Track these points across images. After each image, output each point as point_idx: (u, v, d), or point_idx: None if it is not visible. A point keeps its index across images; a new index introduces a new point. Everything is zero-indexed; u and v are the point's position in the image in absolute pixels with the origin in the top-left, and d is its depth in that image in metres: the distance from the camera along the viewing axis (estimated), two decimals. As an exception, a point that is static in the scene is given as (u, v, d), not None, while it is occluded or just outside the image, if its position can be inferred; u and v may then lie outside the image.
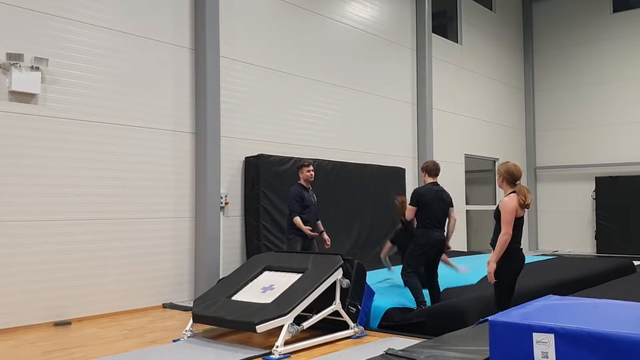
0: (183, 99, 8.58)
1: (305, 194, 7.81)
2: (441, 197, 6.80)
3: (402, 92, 12.93)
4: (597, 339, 2.91)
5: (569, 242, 16.88)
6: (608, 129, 16.37)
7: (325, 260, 6.19)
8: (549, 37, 17.55)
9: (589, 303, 3.70)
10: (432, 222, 6.70)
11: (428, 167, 6.97)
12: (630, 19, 16.19)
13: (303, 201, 7.72)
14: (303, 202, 7.72)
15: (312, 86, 10.63)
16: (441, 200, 6.79)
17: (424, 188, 6.85)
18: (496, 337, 3.23)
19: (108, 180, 7.62)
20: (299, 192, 7.76)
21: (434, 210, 6.72)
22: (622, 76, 16.23)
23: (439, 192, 6.82)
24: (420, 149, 13.25)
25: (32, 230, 6.87)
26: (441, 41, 14.25)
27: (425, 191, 6.78)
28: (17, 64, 6.72)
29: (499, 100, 16.53)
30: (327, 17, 11.08)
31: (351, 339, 5.96)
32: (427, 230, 6.70)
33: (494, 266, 5.23)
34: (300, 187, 7.84)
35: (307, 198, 7.79)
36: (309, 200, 7.80)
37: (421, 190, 6.81)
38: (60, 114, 7.20)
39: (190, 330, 6.05)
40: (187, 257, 8.50)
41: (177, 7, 8.59)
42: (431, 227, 6.69)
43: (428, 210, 6.70)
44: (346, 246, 10.62)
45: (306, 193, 7.82)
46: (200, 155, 8.58)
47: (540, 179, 17.49)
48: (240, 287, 6.27)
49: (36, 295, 6.86)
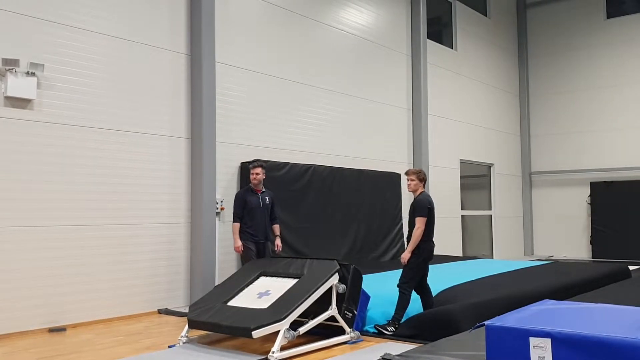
0: (179, 104, 8.58)
1: (251, 197, 7.69)
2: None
3: (397, 98, 12.96)
4: (593, 343, 2.92)
5: (564, 247, 16.92)
6: (603, 134, 16.44)
7: (321, 265, 6.19)
8: (543, 43, 17.63)
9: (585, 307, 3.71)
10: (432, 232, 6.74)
11: (424, 177, 6.89)
12: (624, 24, 16.30)
13: (246, 205, 7.62)
14: (246, 205, 7.62)
15: (307, 92, 10.64)
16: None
17: (429, 197, 6.76)
18: (493, 342, 3.23)
19: (103, 186, 7.60)
20: (242, 196, 7.67)
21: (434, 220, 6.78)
22: (616, 81, 16.31)
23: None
24: (415, 154, 13.27)
25: (26, 235, 6.84)
26: (436, 47, 14.30)
27: (431, 200, 6.72)
28: (13, 69, 6.71)
29: (494, 105, 16.58)
30: (322, 23, 11.11)
31: (347, 344, 5.95)
32: (429, 242, 6.67)
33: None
34: (247, 190, 7.75)
35: (253, 201, 7.66)
36: (255, 204, 7.67)
37: (430, 199, 6.70)
38: (56, 119, 7.18)
39: (186, 336, 6.03)
40: (182, 262, 8.48)
41: (173, 13, 8.60)
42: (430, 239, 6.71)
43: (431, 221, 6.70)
44: (342, 251, 10.62)
45: (252, 196, 7.70)
46: (196, 161, 8.58)
47: (535, 184, 17.54)
48: (236, 293, 6.26)
49: (31, 302, 6.83)
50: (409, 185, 6.79)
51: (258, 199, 7.73)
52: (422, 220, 6.52)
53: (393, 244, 11.89)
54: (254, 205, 7.66)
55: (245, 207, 7.63)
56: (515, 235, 17.11)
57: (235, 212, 7.64)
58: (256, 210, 7.67)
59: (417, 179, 6.73)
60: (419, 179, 6.73)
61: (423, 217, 6.53)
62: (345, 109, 11.52)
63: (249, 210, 7.64)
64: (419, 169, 6.85)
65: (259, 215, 7.69)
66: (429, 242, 6.63)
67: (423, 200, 6.61)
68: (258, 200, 7.72)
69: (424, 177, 6.80)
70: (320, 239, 10.27)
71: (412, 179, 6.74)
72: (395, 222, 12.08)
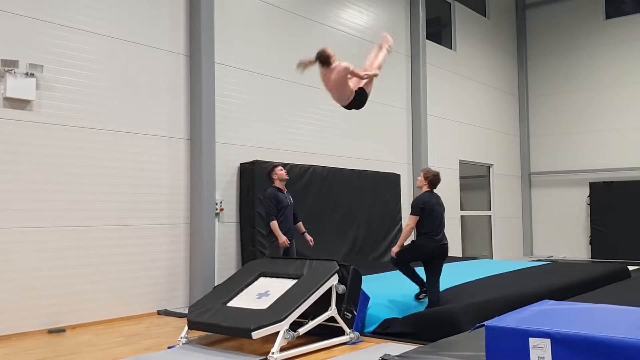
0: (178, 105, 8.58)
1: (282, 196, 7.76)
2: (440, 203, 7.10)
3: (396, 98, 12.96)
4: (593, 344, 2.92)
5: (563, 247, 16.92)
6: (602, 134, 16.44)
7: (320, 266, 6.19)
8: (542, 44, 17.64)
9: (584, 308, 3.71)
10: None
11: (436, 180, 7.18)
12: (623, 25, 16.30)
13: (279, 204, 7.67)
14: (279, 204, 7.66)
15: (307, 92, 10.64)
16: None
17: (426, 197, 7.04)
18: (492, 342, 3.23)
19: (102, 187, 7.60)
20: (275, 194, 7.70)
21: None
22: (615, 82, 16.32)
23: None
24: (415, 154, 13.27)
25: (25, 236, 6.84)
26: (435, 47, 14.31)
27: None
28: (12, 70, 6.70)
29: (493, 106, 16.59)
30: (322, 24, 11.11)
31: (347, 344, 5.95)
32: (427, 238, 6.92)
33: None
34: (276, 190, 7.79)
35: (283, 200, 7.73)
36: (285, 202, 7.75)
37: (425, 199, 7.00)
38: (55, 120, 7.18)
39: (186, 337, 6.03)
40: (182, 263, 8.48)
41: (172, 13, 8.60)
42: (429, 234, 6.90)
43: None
44: (342, 252, 10.61)
45: (282, 195, 7.78)
46: (196, 162, 8.57)
47: (535, 184, 17.54)
48: (235, 294, 6.26)
49: (30, 303, 6.82)
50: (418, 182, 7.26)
51: (286, 197, 7.82)
52: (411, 218, 6.89)
53: (392, 245, 11.83)
54: (284, 203, 7.73)
55: (277, 205, 7.65)
56: (514, 235, 17.11)
57: (270, 211, 7.62)
58: (287, 208, 7.74)
59: (422, 177, 7.14)
60: (424, 177, 7.11)
61: (413, 215, 6.88)
62: (345, 110, 11.49)
63: (280, 209, 7.68)
64: (427, 169, 7.29)
65: (289, 213, 7.77)
66: (427, 237, 6.84)
67: (417, 200, 7.02)
68: (287, 199, 7.80)
69: (428, 177, 7.09)
70: (320, 239, 10.25)
71: (420, 177, 7.20)
72: (394, 222, 12.07)
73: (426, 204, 6.88)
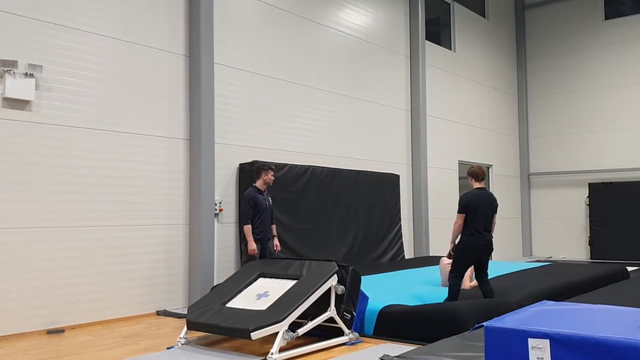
0: (177, 105, 8.58)
1: (260, 198, 7.67)
2: (488, 202, 6.97)
3: (396, 99, 12.97)
4: (592, 344, 2.92)
5: (562, 248, 16.93)
6: (601, 135, 16.46)
7: (320, 266, 6.18)
8: (541, 44, 17.65)
9: (584, 308, 3.71)
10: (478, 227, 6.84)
11: (474, 171, 7.08)
12: (622, 25, 16.32)
13: (257, 206, 7.59)
14: (257, 207, 7.59)
15: (306, 93, 10.64)
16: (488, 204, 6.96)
17: (471, 195, 6.94)
18: (492, 343, 3.24)
19: (101, 187, 7.60)
20: (253, 196, 7.61)
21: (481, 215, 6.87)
22: (614, 82, 16.33)
23: (485, 196, 6.96)
24: (414, 155, 13.28)
25: (24, 237, 6.83)
26: (435, 48, 14.32)
27: (472, 197, 6.89)
28: (11, 70, 6.70)
29: (493, 106, 16.60)
30: (321, 24, 11.12)
31: (346, 345, 5.95)
32: (472, 235, 6.85)
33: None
34: (255, 191, 7.71)
35: (262, 202, 7.66)
36: (264, 205, 7.67)
37: (469, 197, 6.90)
38: (54, 120, 7.18)
39: (185, 338, 6.03)
40: (181, 264, 8.47)
41: (172, 14, 8.60)
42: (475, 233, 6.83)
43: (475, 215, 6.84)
44: (341, 252, 10.62)
45: (261, 197, 7.69)
46: (195, 162, 8.57)
47: (534, 185, 17.55)
48: (234, 294, 6.26)
49: (29, 303, 6.82)
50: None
51: (265, 199, 7.73)
52: (458, 216, 6.85)
53: (392, 245, 11.89)
54: (263, 206, 7.63)
55: (255, 207, 7.59)
56: (513, 236, 17.12)
57: (247, 214, 7.52)
58: (265, 211, 7.66)
59: (469, 175, 7.11)
60: (470, 175, 7.09)
61: (459, 213, 6.85)
62: (344, 110, 11.52)
63: (258, 211, 7.59)
64: (471, 165, 7.24)
65: (266, 216, 7.69)
66: (472, 235, 6.79)
67: (461, 198, 6.92)
68: (265, 201, 7.71)
69: (472, 172, 7.05)
70: (319, 240, 10.27)
71: (467, 176, 7.14)
72: (394, 223, 12.08)
73: (471, 201, 6.81)
